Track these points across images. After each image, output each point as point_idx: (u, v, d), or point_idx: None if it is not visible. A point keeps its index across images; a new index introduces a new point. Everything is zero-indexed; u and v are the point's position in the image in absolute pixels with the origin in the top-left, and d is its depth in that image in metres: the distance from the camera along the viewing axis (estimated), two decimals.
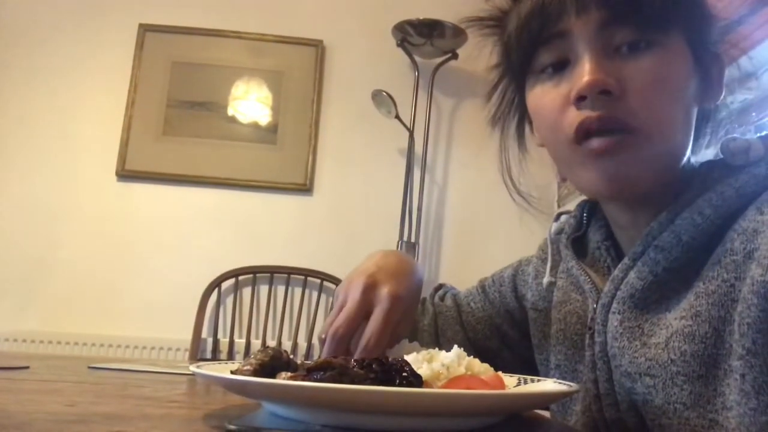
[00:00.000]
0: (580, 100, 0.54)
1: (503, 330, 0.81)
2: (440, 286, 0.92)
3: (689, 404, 0.51)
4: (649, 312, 0.57)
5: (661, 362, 0.53)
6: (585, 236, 0.72)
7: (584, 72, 0.53)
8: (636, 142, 0.53)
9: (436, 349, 0.55)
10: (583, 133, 0.54)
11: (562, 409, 0.68)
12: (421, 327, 0.83)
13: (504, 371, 0.78)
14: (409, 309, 0.65)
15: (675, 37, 0.55)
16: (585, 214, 0.72)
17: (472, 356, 0.54)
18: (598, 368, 0.60)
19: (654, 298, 0.57)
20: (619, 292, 0.59)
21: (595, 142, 0.54)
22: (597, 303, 0.61)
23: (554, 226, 0.75)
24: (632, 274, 0.58)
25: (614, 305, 0.59)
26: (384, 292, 0.61)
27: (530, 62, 0.59)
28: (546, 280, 0.73)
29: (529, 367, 0.76)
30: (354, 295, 0.61)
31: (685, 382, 0.51)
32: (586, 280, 0.65)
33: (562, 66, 0.57)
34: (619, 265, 0.60)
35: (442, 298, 0.88)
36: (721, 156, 0.57)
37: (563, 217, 0.75)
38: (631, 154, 0.54)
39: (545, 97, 0.58)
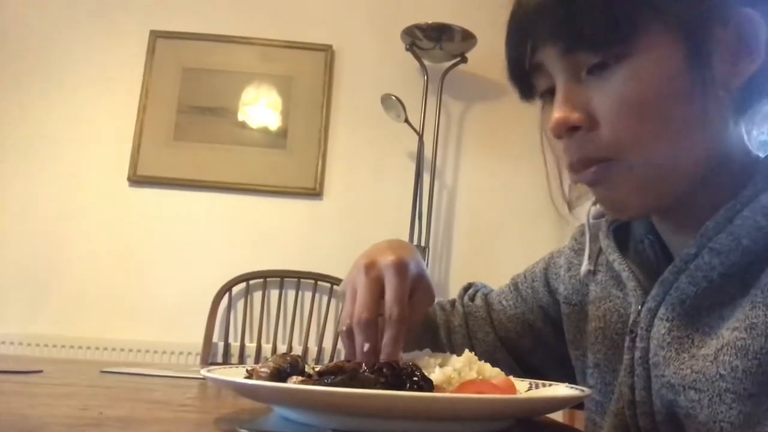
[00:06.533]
0: (557, 137, 0.54)
1: (536, 327, 0.76)
2: (469, 286, 0.86)
3: (737, 424, 0.47)
4: (700, 320, 0.53)
5: (708, 376, 0.49)
6: (628, 225, 0.66)
7: (554, 109, 0.53)
8: (617, 170, 0.52)
9: (448, 352, 0.54)
10: (572, 169, 0.55)
11: (596, 406, 0.65)
12: (453, 327, 0.79)
13: (539, 371, 0.77)
14: (420, 277, 0.61)
15: (654, 36, 0.50)
16: None
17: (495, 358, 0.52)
18: (637, 374, 0.56)
19: (706, 304, 0.53)
20: (668, 297, 0.54)
21: (581, 177, 0.55)
22: (642, 305, 0.57)
23: (593, 209, 0.67)
24: (684, 279, 0.53)
25: (662, 311, 0.55)
26: (385, 262, 0.58)
27: (530, 87, 0.58)
28: (584, 268, 0.66)
29: (564, 367, 0.72)
30: (361, 280, 0.58)
31: (734, 400, 0.48)
32: (629, 276, 0.60)
33: (553, 92, 0.55)
34: (669, 267, 0.55)
35: (472, 298, 0.83)
36: None
37: None
38: (615, 181, 0.53)
39: (546, 122, 0.57)
